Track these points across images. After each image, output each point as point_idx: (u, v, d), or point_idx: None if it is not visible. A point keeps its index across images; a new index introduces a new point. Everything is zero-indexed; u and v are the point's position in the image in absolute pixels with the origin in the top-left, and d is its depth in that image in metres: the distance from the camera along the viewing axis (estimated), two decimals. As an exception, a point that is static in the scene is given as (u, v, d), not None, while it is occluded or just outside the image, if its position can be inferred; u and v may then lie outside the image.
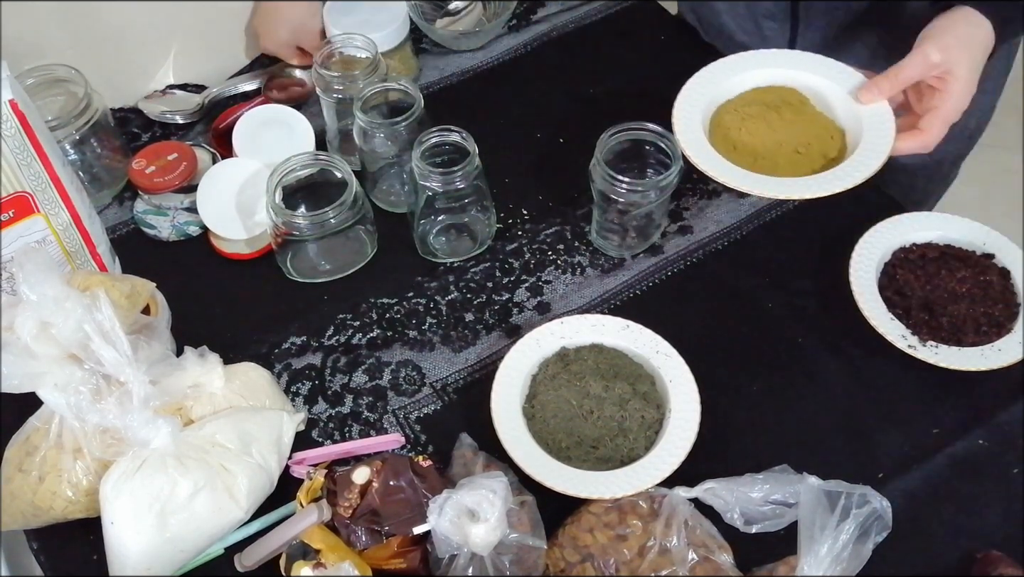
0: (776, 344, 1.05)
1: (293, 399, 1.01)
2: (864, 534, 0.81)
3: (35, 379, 0.85)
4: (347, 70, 1.15)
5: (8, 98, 0.89)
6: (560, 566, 0.86)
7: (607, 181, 1.03)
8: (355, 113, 1.07)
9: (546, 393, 0.96)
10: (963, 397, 0.99)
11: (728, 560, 0.85)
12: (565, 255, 1.13)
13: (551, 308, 1.08)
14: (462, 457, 0.91)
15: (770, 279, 1.09)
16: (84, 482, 0.88)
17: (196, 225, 1.14)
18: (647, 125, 1.05)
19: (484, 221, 1.12)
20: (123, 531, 0.84)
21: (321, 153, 1.07)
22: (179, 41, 1.27)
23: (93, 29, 1.19)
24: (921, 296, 1.02)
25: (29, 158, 0.93)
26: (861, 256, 1.05)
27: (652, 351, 0.98)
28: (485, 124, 1.23)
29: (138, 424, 0.85)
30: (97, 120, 1.13)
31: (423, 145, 1.04)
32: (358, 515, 0.84)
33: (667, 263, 1.12)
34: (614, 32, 1.36)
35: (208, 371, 0.93)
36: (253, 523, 0.91)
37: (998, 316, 1.01)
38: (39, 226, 0.98)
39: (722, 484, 0.86)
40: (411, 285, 1.11)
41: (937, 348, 0.99)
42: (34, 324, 0.84)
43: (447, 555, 0.82)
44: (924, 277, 1.04)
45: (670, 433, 0.92)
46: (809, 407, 1.00)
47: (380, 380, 1.03)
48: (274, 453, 0.91)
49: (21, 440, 0.90)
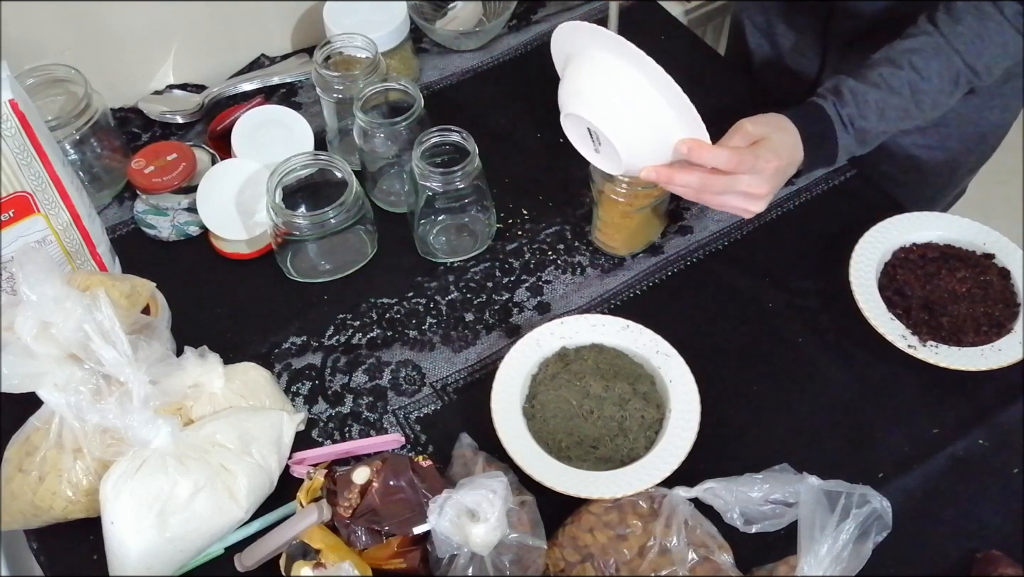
0: (776, 344, 1.05)
1: (293, 399, 1.01)
2: (864, 534, 0.81)
3: (35, 379, 0.85)
4: (347, 70, 1.15)
5: (8, 98, 0.89)
6: (560, 566, 0.86)
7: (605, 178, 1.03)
8: (355, 113, 1.07)
9: (546, 393, 0.96)
10: (963, 397, 0.99)
11: (728, 560, 0.85)
12: (565, 255, 1.13)
13: (551, 308, 1.08)
14: (462, 457, 0.91)
15: (770, 279, 1.09)
16: (84, 482, 0.88)
17: (196, 225, 1.14)
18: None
19: (484, 221, 1.12)
20: (123, 531, 0.84)
21: (321, 153, 1.07)
22: (179, 41, 1.27)
23: (93, 29, 1.19)
24: (921, 296, 1.02)
25: (29, 158, 0.93)
26: (861, 256, 1.05)
27: (652, 351, 0.98)
28: (485, 124, 1.24)
29: (138, 424, 0.85)
30: (97, 120, 1.13)
31: (423, 145, 1.04)
32: (358, 515, 0.84)
33: (667, 263, 1.12)
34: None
35: (208, 371, 0.93)
36: (253, 523, 0.91)
37: (998, 316, 1.01)
38: (39, 226, 0.98)
39: (722, 484, 0.86)
40: (411, 285, 1.11)
41: (937, 348, 0.99)
42: (34, 324, 0.84)
43: (447, 555, 0.82)
44: (924, 277, 1.04)
45: (670, 433, 0.92)
46: (809, 407, 1.00)
47: (380, 380, 1.03)
48: (274, 453, 0.91)
49: (21, 440, 0.90)
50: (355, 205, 1.04)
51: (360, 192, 1.05)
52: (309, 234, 1.04)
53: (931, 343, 0.99)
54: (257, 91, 1.29)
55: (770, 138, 0.95)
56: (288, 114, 1.19)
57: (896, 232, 1.07)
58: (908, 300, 1.02)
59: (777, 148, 0.95)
